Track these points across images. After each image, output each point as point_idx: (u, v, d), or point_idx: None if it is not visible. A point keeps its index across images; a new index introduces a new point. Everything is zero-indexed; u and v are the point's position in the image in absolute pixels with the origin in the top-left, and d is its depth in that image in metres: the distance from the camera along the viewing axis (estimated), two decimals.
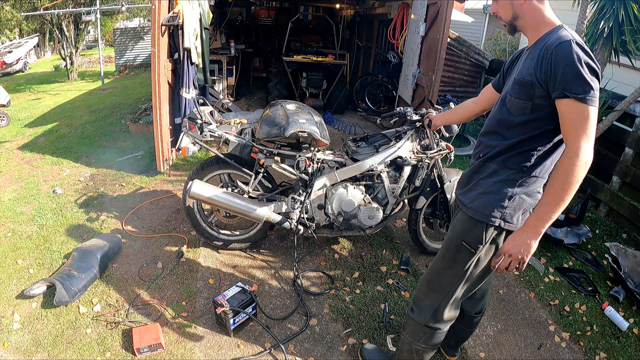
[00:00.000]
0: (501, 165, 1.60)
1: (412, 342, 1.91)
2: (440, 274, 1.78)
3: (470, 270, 1.70)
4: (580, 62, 1.39)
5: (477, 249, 1.64)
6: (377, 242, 3.40)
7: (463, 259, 1.69)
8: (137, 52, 12.86)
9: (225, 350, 2.34)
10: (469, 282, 1.74)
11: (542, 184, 1.60)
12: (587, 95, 1.39)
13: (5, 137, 5.93)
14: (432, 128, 2.60)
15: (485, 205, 1.61)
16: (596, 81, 1.41)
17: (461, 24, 11.27)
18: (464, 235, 1.67)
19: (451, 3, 4.52)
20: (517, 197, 1.58)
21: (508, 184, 1.59)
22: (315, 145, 2.89)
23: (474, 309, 2.07)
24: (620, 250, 3.23)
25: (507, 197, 1.58)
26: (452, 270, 1.73)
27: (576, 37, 1.44)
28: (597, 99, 1.42)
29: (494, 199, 1.60)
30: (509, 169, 1.59)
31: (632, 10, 3.46)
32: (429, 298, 1.82)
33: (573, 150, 1.44)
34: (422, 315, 1.84)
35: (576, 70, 1.39)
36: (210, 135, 2.87)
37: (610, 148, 4.13)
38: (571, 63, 1.39)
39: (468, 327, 2.16)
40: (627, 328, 2.69)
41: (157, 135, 4.15)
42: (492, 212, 1.60)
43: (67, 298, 2.50)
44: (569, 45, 1.41)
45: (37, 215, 3.57)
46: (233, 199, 2.83)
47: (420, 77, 5.25)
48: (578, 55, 1.39)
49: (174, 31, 4.20)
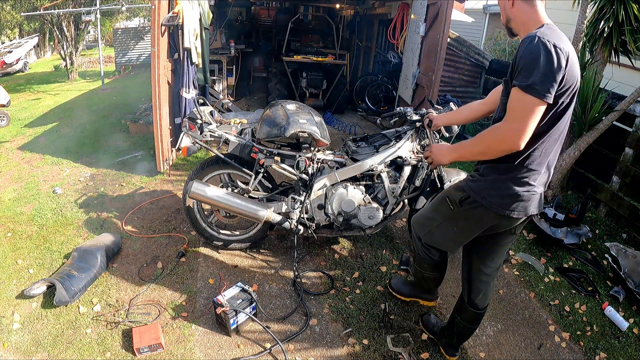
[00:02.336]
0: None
1: (421, 272, 2.33)
2: (426, 214, 2.16)
3: (444, 221, 2.01)
4: (537, 55, 1.49)
5: (454, 207, 1.91)
6: (377, 242, 3.40)
7: (442, 210, 2.01)
8: (137, 52, 12.84)
9: (225, 350, 2.34)
10: (442, 228, 2.03)
11: (531, 174, 1.70)
12: (530, 84, 1.49)
13: (5, 137, 5.93)
14: (433, 128, 2.60)
15: (476, 185, 1.82)
16: (551, 75, 1.49)
17: (461, 24, 11.27)
18: (450, 194, 1.97)
19: (451, 3, 4.52)
20: (500, 182, 1.74)
21: (494, 172, 1.77)
22: (315, 146, 2.89)
23: (482, 305, 2.12)
24: (620, 250, 3.23)
25: (491, 180, 1.77)
26: (433, 214, 2.09)
27: (546, 34, 1.52)
28: (547, 93, 1.50)
29: (484, 183, 1.80)
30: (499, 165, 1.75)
31: (632, 10, 3.46)
32: (417, 232, 2.21)
33: (499, 125, 1.64)
34: (417, 247, 2.24)
35: (529, 61, 1.50)
36: (210, 135, 2.87)
37: (610, 148, 4.13)
38: (527, 55, 1.51)
39: (470, 323, 2.19)
40: (627, 328, 2.69)
41: (157, 135, 4.15)
42: (477, 190, 1.80)
43: (67, 298, 2.50)
44: (533, 39, 1.51)
45: (37, 215, 3.57)
46: (233, 199, 2.83)
47: (420, 77, 5.25)
48: (537, 49, 1.49)
49: (174, 31, 4.20)
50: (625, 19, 3.50)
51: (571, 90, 1.58)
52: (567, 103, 1.60)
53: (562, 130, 1.69)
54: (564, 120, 1.65)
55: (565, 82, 1.54)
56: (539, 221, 3.60)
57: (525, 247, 3.50)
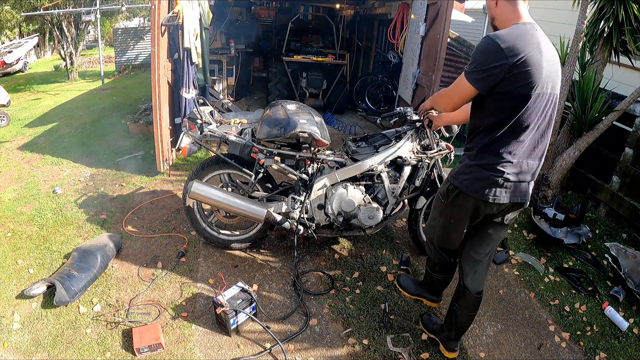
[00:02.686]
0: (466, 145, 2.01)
1: (431, 273, 2.47)
2: (430, 218, 2.32)
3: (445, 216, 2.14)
4: (479, 49, 1.75)
5: (444, 199, 2.09)
6: (377, 242, 3.40)
7: (438, 206, 2.19)
8: (137, 52, 12.84)
9: (225, 350, 2.34)
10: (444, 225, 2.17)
11: (500, 161, 1.83)
12: (467, 70, 1.78)
13: (5, 137, 5.93)
14: (433, 128, 2.60)
15: (454, 170, 2.04)
16: (483, 68, 1.71)
17: (461, 24, 11.25)
18: (440, 189, 2.17)
19: (451, 3, 4.52)
20: (473, 169, 1.90)
21: (467, 158, 1.96)
22: (315, 146, 2.89)
23: (474, 288, 2.19)
24: (620, 250, 3.23)
25: (465, 165, 1.95)
26: (433, 214, 2.26)
27: (503, 33, 1.70)
28: (476, 81, 1.75)
29: (459, 167, 2.00)
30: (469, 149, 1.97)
31: (632, 10, 3.46)
32: (428, 235, 2.38)
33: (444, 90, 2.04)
34: (430, 250, 2.38)
35: (474, 53, 1.77)
36: (210, 135, 2.87)
37: (610, 148, 4.13)
38: (476, 48, 1.78)
39: (469, 309, 2.24)
40: (627, 328, 2.69)
41: (157, 135, 4.15)
42: (455, 175, 2.00)
43: (67, 298, 2.50)
44: (486, 36, 1.73)
45: (37, 215, 3.57)
46: (233, 199, 2.83)
47: (420, 77, 5.25)
48: (482, 44, 1.74)
49: (173, 31, 4.20)
50: (625, 19, 3.49)
51: (530, 86, 1.69)
52: (526, 97, 1.71)
53: (534, 126, 1.79)
54: (532, 115, 1.76)
55: (515, 77, 1.68)
56: (539, 221, 3.60)
57: (525, 247, 3.50)
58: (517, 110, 1.74)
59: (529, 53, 1.66)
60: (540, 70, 1.69)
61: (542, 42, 1.72)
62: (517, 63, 1.65)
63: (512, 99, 1.73)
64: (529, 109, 1.75)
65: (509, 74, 1.67)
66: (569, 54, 3.86)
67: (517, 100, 1.73)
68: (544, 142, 1.88)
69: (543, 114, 1.79)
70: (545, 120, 1.82)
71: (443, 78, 6.08)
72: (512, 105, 1.74)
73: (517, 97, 1.72)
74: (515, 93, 1.71)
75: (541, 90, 1.73)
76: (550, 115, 1.83)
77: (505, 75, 1.68)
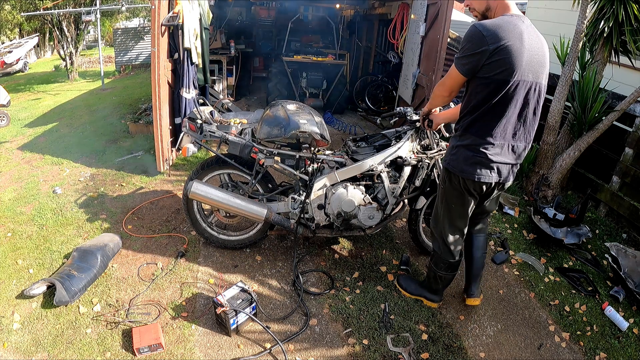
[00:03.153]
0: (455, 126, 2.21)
1: (435, 270, 2.51)
2: (436, 208, 2.42)
3: (446, 202, 2.29)
4: (465, 37, 1.88)
5: (443, 184, 2.26)
6: (377, 242, 3.40)
7: (440, 193, 2.34)
8: (137, 52, 12.84)
9: (225, 350, 2.34)
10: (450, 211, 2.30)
11: (481, 142, 2.00)
12: (456, 57, 1.94)
13: (5, 137, 5.93)
14: (433, 127, 2.61)
15: (445, 153, 2.25)
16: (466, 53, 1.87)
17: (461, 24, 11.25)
18: (439, 177, 2.40)
19: (451, 3, 4.51)
20: (458, 149, 2.10)
21: (454, 140, 2.15)
22: (315, 146, 2.89)
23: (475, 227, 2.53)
24: (620, 250, 3.23)
25: (452, 146, 2.15)
26: (437, 204, 2.39)
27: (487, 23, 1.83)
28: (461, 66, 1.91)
29: (448, 151, 2.20)
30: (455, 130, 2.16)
31: (632, 10, 3.46)
32: (435, 229, 2.44)
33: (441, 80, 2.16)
34: (437, 246, 2.45)
35: (462, 41, 1.90)
36: (210, 135, 2.87)
37: (610, 148, 4.13)
38: (464, 37, 1.90)
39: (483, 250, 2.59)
40: (627, 328, 2.69)
41: (157, 135, 4.15)
42: (445, 157, 2.22)
43: (67, 298, 2.50)
44: (471, 25, 1.85)
45: (37, 215, 3.57)
46: (233, 199, 2.83)
47: (420, 77, 5.25)
48: (467, 33, 1.86)
49: (174, 31, 4.20)
50: (625, 19, 3.49)
51: (507, 68, 1.82)
52: (503, 80, 1.85)
53: (514, 111, 1.93)
54: (512, 101, 1.90)
55: (493, 60, 1.82)
56: (539, 221, 3.60)
57: (525, 247, 3.50)
58: (495, 94, 1.88)
59: (509, 41, 1.78)
60: (521, 58, 1.81)
61: (524, 32, 1.83)
62: (497, 50, 1.79)
63: (491, 83, 1.87)
64: (507, 95, 1.88)
65: (488, 60, 1.82)
66: (569, 54, 3.85)
67: (495, 85, 1.87)
68: (526, 128, 2.01)
69: (525, 100, 1.93)
70: (529, 108, 1.96)
71: None
72: (491, 90, 1.88)
73: (495, 82, 1.86)
74: (494, 78, 1.86)
75: (520, 77, 1.85)
76: (536, 103, 1.96)
77: (485, 61, 1.82)
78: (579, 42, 3.78)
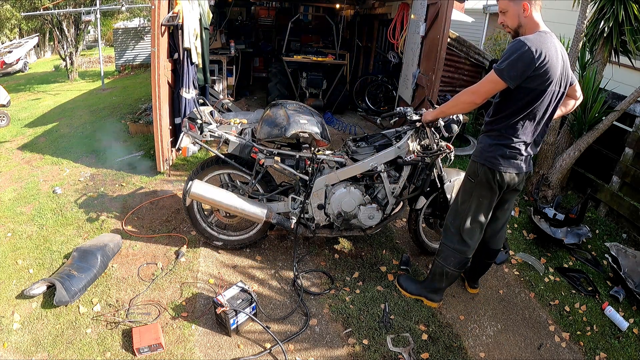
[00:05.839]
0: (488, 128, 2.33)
1: (444, 266, 2.53)
2: (458, 203, 2.48)
3: (475, 196, 2.37)
4: (513, 50, 2.00)
5: (475, 177, 2.34)
6: (377, 242, 3.40)
7: (468, 187, 2.41)
8: (137, 52, 12.84)
9: (225, 350, 2.34)
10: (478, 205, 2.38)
11: (515, 140, 2.20)
12: (499, 67, 2.04)
13: (5, 137, 5.93)
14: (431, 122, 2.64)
15: (478, 150, 2.34)
16: (515, 66, 1.99)
17: (461, 24, 11.25)
18: (466, 173, 2.42)
19: (451, 3, 4.51)
20: (495, 146, 2.24)
21: (489, 139, 2.29)
22: (315, 146, 2.89)
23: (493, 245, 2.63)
24: (620, 250, 3.23)
25: (488, 145, 2.28)
26: (463, 197, 2.44)
27: (530, 39, 2.00)
28: (507, 77, 2.02)
29: (481, 147, 2.32)
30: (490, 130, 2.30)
31: (632, 10, 3.46)
32: (454, 224, 2.48)
33: (470, 88, 2.23)
34: (451, 240, 2.48)
35: (507, 53, 2.03)
36: (210, 135, 2.87)
37: (610, 148, 4.13)
38: (508, 49, 2.03)
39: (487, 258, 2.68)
40: (627, 328, 2.69)
41: (157, 135, 4.15)
42: (479, 154, 2.32)
43: (67, 298, 2.50)
44: (518, 40, 2.01)
45: (37, 215, 3.57)
46: (233, 199, 2.83)
47: (420, 77, 5.25)
48: (514, 46, 2.00)
49: (174, 31, 4.20)
50: (625, 19, 3.50)
51: (547, 80, 2.04)
52: (542, 90, 2.07)
53: (542, 115, 2.16)
54: (542, 105, 2.13)
55: (538, 74, 2.01)
56: (539, 221, 3.60)
57: (525, 247, 3.50)
58: (533, 102, 2.10)
59: (550, 57, 2.00)
60: (556, 71, 2.05)
61: (558, 48, 2.06)
62: (541, 64, 1.99)
63: (531, 92, 2.08)
64: (542, 103, 2.12)
65: (533, 73, 2.01)
66: (569, 54, 3.85)
67: (535, 94, 2.08)
68: (545, 128, 2.28)
69: (550, 107, 2.17)
70: (549, 112, 2.20)
71: (443, 78, 6.09)
72: (530, 98, 2.10)
73: (535, 91, 2.07)
74: (535, 89, 2.07)
75: (553, 87, 2.09)
76: (554, 108, 2.20)
77: (530, 73, 2.01)
78: (579, 42, 3.78)
